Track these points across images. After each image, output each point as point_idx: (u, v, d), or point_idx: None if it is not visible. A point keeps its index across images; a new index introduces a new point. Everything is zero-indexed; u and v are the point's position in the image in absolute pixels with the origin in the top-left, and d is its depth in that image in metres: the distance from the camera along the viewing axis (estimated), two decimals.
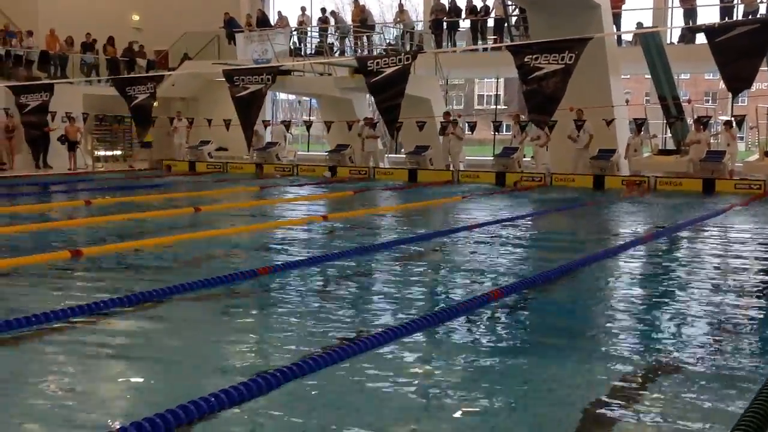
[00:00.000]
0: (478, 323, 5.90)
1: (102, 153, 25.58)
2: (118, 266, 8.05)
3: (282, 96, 33.53)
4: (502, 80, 36.74)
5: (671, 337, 5.61)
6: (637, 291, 7.27)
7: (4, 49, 23.58)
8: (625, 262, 8.67)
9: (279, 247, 9.53)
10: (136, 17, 28.63)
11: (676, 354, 5.07)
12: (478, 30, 24.98)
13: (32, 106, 13.58)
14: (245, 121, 11.80)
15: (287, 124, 24.83)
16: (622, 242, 9.85)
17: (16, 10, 25.80)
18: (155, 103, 25.22)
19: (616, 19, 22.44)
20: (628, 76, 30.84)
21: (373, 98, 11.40)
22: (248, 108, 11.62)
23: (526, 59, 10.25)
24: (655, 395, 4.32)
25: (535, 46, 11.02)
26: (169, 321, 6.01)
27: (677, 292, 7.13)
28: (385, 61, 11.19)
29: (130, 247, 9.03)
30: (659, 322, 6.03)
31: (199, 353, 5.14)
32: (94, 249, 8.74)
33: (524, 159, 21.22)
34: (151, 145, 24.65)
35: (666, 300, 6.83)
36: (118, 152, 26.79)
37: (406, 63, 10.93)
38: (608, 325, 5.99)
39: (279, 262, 8.13)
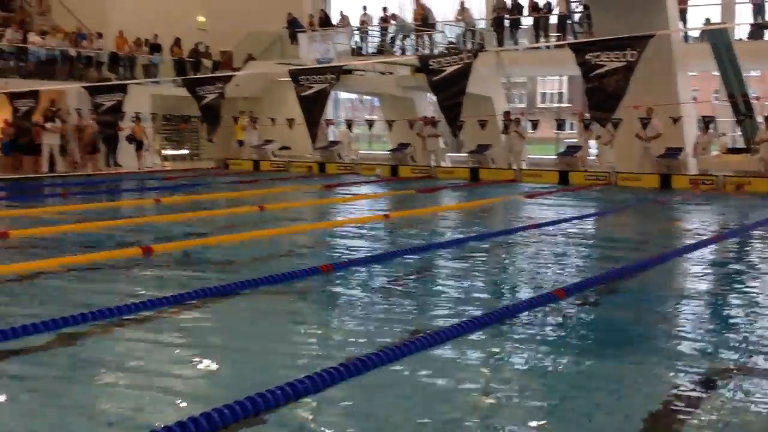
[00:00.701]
0: (540, 322, 5.89)
1: (169, 152, 26.12)
2: (186, 263, 8.26)
3: (344, 95, 33.74)
4: (565, 78, 36.36)
5: (737, 340, 5.50)
6: (702, 293, 7.15)
7: (76, 51, 24.27)
8: (691, 263, 8.52)
9: (341, 244, 9.63)
10: (201, 18, 29.13)
11: (741, 357, 5.00)
12: (540, 27, 24.77)
13: (107, 106, 14.03)
14: (310, 119, 12.05)
15: (349, 124, 25.02)
16: (687, 243, 9.69)
17: (86, 13, 26.56)
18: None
19: (683, 15, 22.02)
20: (696, 74, 30.21)
21: (435, 97, 11.47)
22: (313, 106, 11.86)
23: (587, 57, 10.19)
24: (719, 399, 4.27)
25: (597, 44, 10.94)
26: (234, 316, 6.16)
27: (744, 295, 7.00)
28: (446, 59, 11.28)
29: (198, 245, 9.25)
30: (725, 325, 5.94)
31: (262, 348, 5.26)
32: (163, 246, 8.97)
33: (589, 158, 20.99)
34: (243, 144, 25.01)
35: (731, 302, 6.71)
36: (185, 151, 27.34)
37: (467, 61, 10.98)
38: (671, 326, 5.94)
39: (341, 260, 8.23)
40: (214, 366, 4.93)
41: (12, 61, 22.66)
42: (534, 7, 24.78)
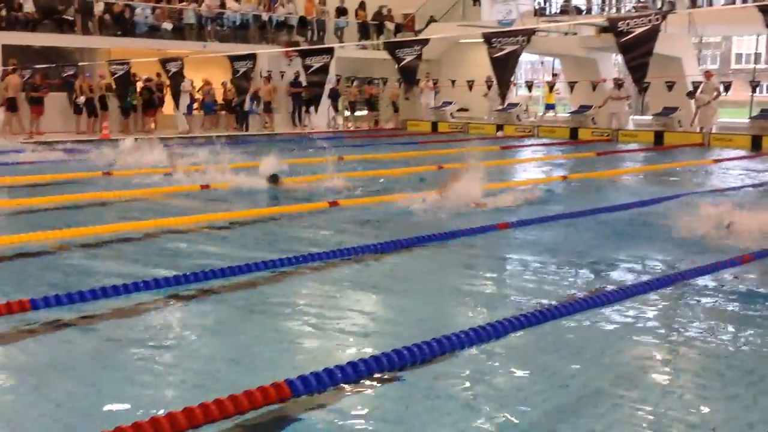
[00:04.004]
0: (718, 288, 5.81)
1: (351, 113, 26.91)
2: (367, 218, 8.71)
3: (524, 56, 33.32)
4: (763, 37, 33.94)
5: None
6: None
7: (268, 16, 25.48)
8: None
9: (516, 204, 9.72)
10: None
11: None
12: None
13: (315, 68, 15.02)
14: (501, 79, 12.40)
15: (530, 85, 24.79)
16: None
17: None
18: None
19: None
20: None
21: (622, 57, 11.42)
22: (504, 67, 12.16)
23: None
24: None
25: None
26: (411, 269, 6.51)
27: None
28: (635, 21, 11.13)
29: (377, 201, 9.69)
30: None
31: (437, 297, 5.57)
32: (347, 201, 9.48)
33: None
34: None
35: None
36: (365, 112, 28.04)
37: (655, 23, 10.77)
38: None
39: (517, 219, 8.37)
40: (390, 312, 5.29)
41: (209, 26, 24.12)
42: None
